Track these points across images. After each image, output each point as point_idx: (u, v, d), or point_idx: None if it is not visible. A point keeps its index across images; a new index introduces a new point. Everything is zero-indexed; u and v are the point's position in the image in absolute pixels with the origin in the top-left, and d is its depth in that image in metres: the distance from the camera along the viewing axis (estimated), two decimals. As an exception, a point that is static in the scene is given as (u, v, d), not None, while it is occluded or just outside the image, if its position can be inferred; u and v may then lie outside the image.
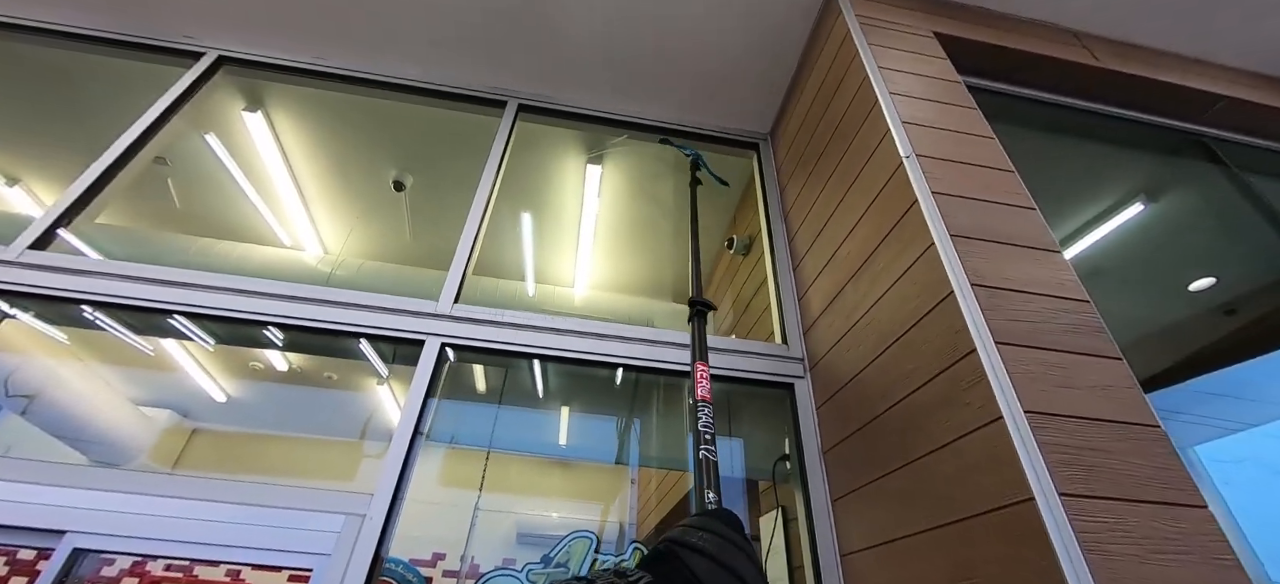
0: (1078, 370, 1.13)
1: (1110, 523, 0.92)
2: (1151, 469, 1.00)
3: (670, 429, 2.48)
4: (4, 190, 3.29)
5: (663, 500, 3.39)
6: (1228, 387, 3.08)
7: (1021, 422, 1.02)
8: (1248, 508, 2.74)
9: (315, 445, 5.07)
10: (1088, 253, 2.88)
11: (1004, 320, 1.17)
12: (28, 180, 3.28)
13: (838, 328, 1.78)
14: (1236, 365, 3.02)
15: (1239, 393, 3.06)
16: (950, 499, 1.15)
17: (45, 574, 1.25)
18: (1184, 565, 0.90)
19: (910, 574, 1.25)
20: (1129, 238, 2.80)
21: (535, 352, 1.85)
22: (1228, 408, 3.02)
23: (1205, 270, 2.82)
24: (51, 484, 1.38)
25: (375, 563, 1.37)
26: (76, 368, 4.51)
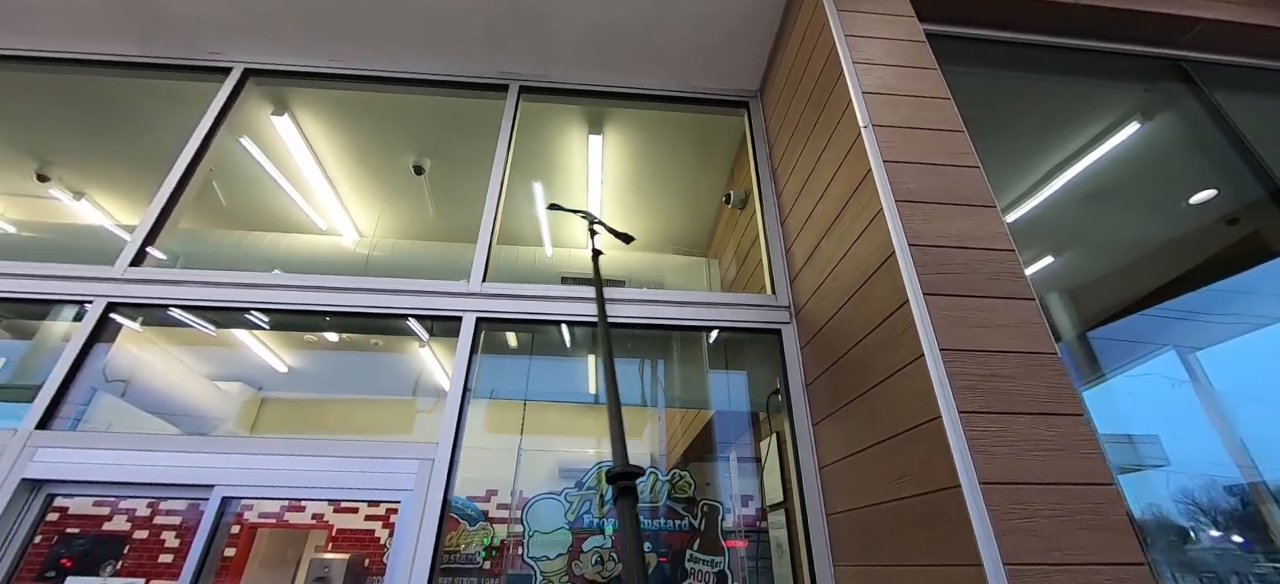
0: (994, 311, 1.38)
1: (996, 431, 1.21)
2: (1041, 387, 1.27)
3: (688, 374, 2.82)
4: (73, 203, 3.68)
5: (687, 432, 3.81)
6: (1229, 294, 3.24)
7: (938, 359, 1.30)
8: (1245, 408, 3.00)
9: (371, 405, 5.66)
10: (1086, 177, 3.01)
11: (934, 274, 1.42)
12: (92, 193, 3.65)
13: (815, 280, 2.03)
14: (1242, 274, 3.16)
15: (1242, 298, 3.21)
16: (889, 420, 1.45)
17: (205, 516, 1.69)
18: (1051, 459, 1.19)
19: (866, 476, 1.58)
20: (1125, 160, 2.91)
21: (559, 319, 2.17)
22: (1237, 310, 3.18)
23: (1204, 185, 2.92)
24: (201, 451, 1.79)
25: (446, 495, 1.77)
26: (156, 352, 5.10)
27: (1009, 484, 1.15)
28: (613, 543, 1.85)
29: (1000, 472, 1.16)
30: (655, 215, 3.85)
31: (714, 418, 3.10)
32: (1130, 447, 4.04)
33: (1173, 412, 3.72)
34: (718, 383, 2.66)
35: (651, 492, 1.95)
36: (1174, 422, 3.71)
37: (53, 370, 1.90)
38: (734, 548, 3.09)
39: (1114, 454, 3.84)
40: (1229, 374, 3.39)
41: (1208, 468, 3.48)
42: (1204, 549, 3.46)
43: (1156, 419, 3.79)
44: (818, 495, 1.87)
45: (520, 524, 1.87)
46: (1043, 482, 1.16)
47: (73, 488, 1.74)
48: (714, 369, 2.74)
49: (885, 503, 1.47)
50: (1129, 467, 3.95)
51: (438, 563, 1.69)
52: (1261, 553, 2.95)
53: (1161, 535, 3.60)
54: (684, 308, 2.24)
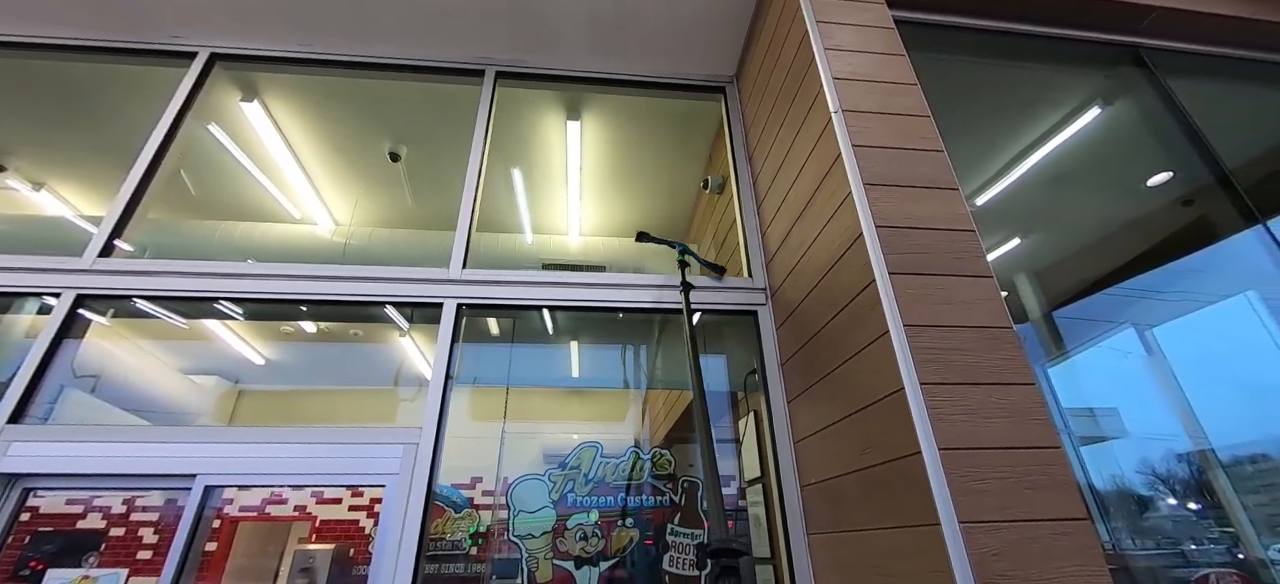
0: (955, 289, 1.45)
1: (954, 399, 1.29)
2: (997, 360, 1.35)
3: (670, 355, 2.87)
4: (31, 195, 3.54)
5: (670, 415, 3.88)
6: (1182, 273, 3.41)
7: (901, 332, 1.37)
8: (1197, 378, 3.18)
9: (352, 395, 5.62)
10: (1051, 160, 3.12)
11: (899, 255, 1.48)
12: (52, 184, 3.52)
13: (789, 262, 2.09)
14: (1193, 254, 3.33)
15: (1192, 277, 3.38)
16: (857, 394, 1.52)
17: (188, 506, 1.69)
18: (1004, 425, 1.27)
19: (836, 448, 1.65)
20: (1088, 144, 3.03)
21: (541, 303, 2.20)
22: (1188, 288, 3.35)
23: (1160, 168, 3.06)
24: (183, 441, 1.79)
25: (431, 479, 1.80)
26: (127, 347, 4.97)
27: (965, 449, 1.23)
28: (596, 521, 1.91)
29: (957, 438, 1.24)
30: (635, 200, 3.87)
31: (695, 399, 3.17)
32: (1092, 419, 4.27)
33: (1131, 385, 3.93)
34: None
35: (634, 470, 2.01)
36: (1133, 395, 3.92)
37: (22, 364, 1.86)
38: None
39: (1076, 426, 4.06)
40: (1182, 349, 3.59)
41: (1163, 438, 3.70)
42: (1162, 516, 3.70)
43: (1117, 393, 4.01)
44: (792, 468, 1.95)
45: (505, 510, 1.92)
46: (995, 446, 1.24)
47: (50, 482, 1.72)
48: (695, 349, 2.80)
49: (853, 472, 1.55)
50: (1090, 438, 4.17)
51: (424, 546, 1.73)
52: (1213, 519, 3.16)
53: (1123, 504, 3.83)
54: (664, 291, 2.28)
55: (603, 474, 1.99)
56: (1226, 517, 2.98)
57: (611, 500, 1.95)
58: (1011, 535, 1.15)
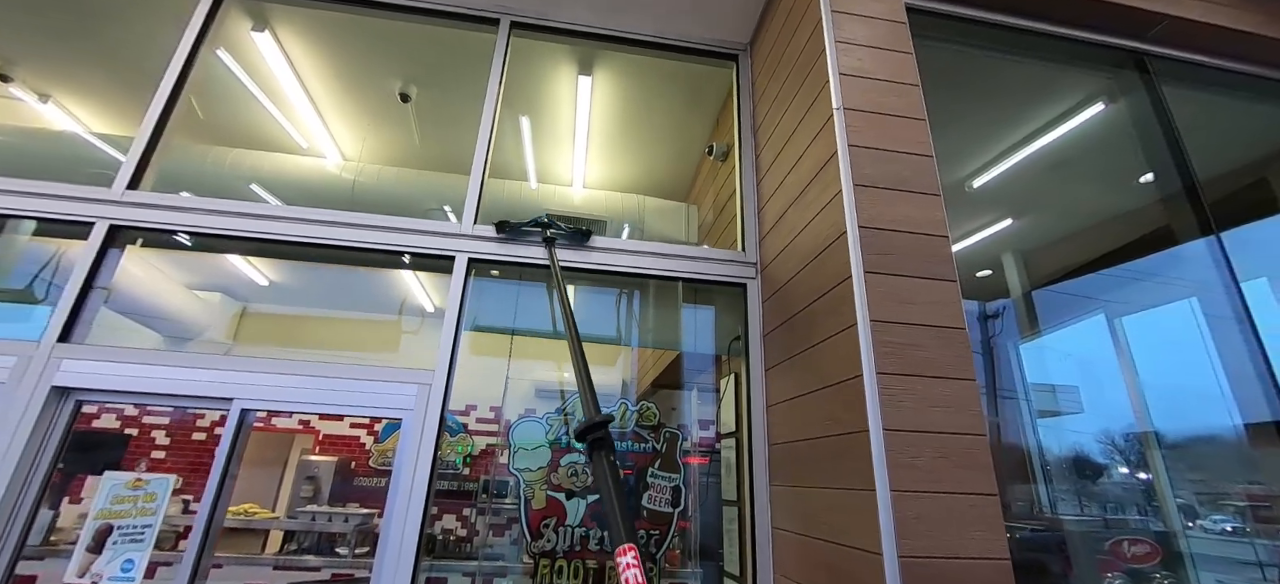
0: (920, 291, 1.63)
1: (905, 389, 1.49)
2: (947, 356, 1.55)
3: (661, 314, 3.06)
4: (38, 106, 3.55)
5: (656, 365, 4.15)
6: (1150, 270, 3.61)
7: (867, 327, 1.55)
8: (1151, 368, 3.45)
9: (354, 323, 5.83)
10: (1052, 147, 3.22)
11: (875, 255, 1.64)
12: (58, 96, 3.52)
13: (780, 243, 2.25)
14: (1161, 252, 3.51)
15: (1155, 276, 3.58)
16: (825, 373, 1.73)
17: (227, 426, 1.91)
18: (940, 413, 1.48)
19: (802, 417, 1.88)
20: (1089, 136, 3.12)
21: (544, 263, 2.35)
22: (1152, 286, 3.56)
23: (1147, 169, 3.18)
24: (221, 368, 1.98)
25: (442, 415, 2.02)
26: (135, 259, 5.08)
27: (905, 432, 1.45)
28: (586, 459, 2.16)
29: (899, 421, 1.46)
30: (640, 159, 3.94)
31: (682, 355, 3.40)
32: (1051, 395, 4.59)
33: (1094, 367, 4.22)
34: (687, 324, 2.92)
35: (622, 419, 2.25)
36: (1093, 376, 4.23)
37: (66, 290, 2.01)
38: (691, 464, 3.52)
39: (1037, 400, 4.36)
40: (1143, 339, 3.85)
41: (1113, 417, 4.04)
42: (1099, 486, 4.09)
43: (1079, 373, 4.31)
44: (763, 428, 2.19)
45: (496, 438, 2.16)
46: (930, 430, 1.46)
47: (100, 397, 1.92)
48: (688, 306, 3.00)
49: (813, 439, 1.78)
50: (1047, 411, 4.51)
51: (435, 472, 1.97)
52: (1142, 493, 3.54)
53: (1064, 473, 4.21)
54: (662, 259, 2.44)
55: (595, 421, 2.22)
56: (1154, 492, 3.33)
57: (602, 444, 2.20)
58: (930, 504, 1.39)
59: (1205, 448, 3.22)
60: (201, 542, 1.80)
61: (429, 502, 1.93)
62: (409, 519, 1.87)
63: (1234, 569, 2.77)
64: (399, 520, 1.87)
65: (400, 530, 1.86)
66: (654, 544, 2.09)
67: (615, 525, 1.26)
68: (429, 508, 1.93)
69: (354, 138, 3.77)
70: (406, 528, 1.86)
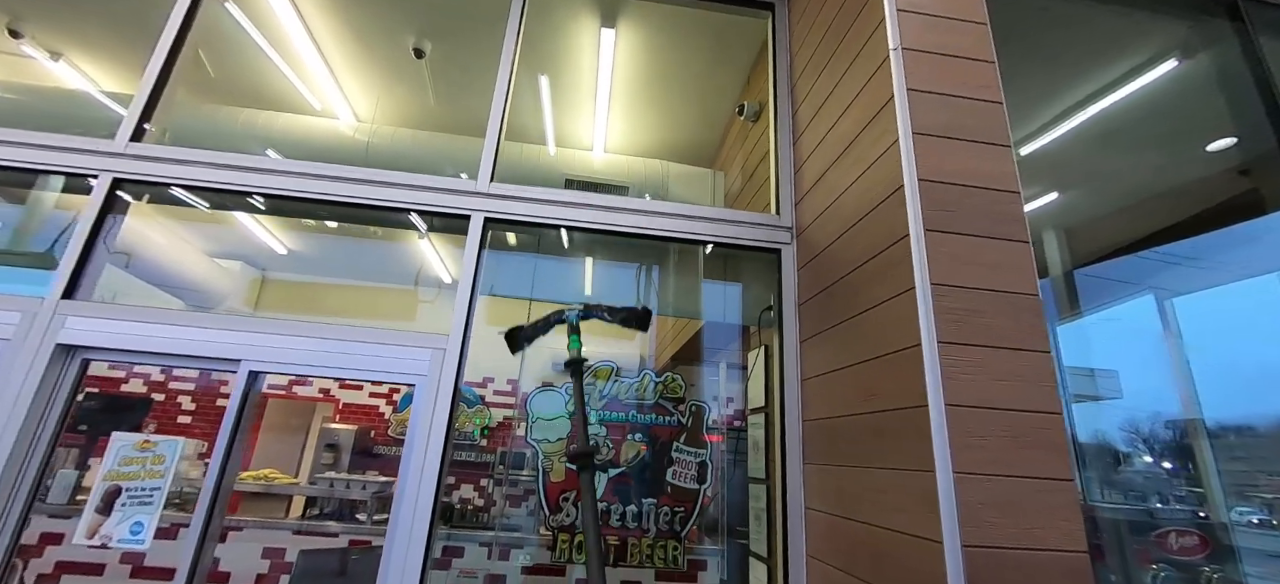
0: (988, 251, 1.44)
1: (969, 360, 1.33)
2: (1016, 326, 1.37)
3: (682, 285, 2.92)
4: (50, 64, 3.48)
5: (676, 339, 4.01)
6: (1218, 245, 3.33)
7: (927, 291, 1.38)
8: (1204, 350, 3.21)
9: (371, 292, 5.81)
10: (1110, 113, 2.95)
11: (937, 211, 1.46)
12: (70, 54, 3.44)
13: (820, 205, 2.06)
14: (1234, 226, 3.23)
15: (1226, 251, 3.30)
16: (871, 343, 1.57)
17: (236, 388, 1.83)
18: (1011, 388, 1.31)
19: (841, 391, 1.73)
20: (1154, 98, 2.84)
21: (566, 223, 2.21)
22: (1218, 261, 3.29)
23: (1224, 132, 2.89)
24: (229, 328, 1.90)
25: (457, 382, 1.92)
26: (157, 227, 5.11)
27: (970, 408, 1.29)
28: (606, 431, 2.05)
29: (965, 396, 1.30)
30: (664, 121, 3.74)
31: (705, 326, 3.26)
32: (1089, 379, 4.34)
33: (1137, 350, 3.96)
34: (713, 294, 2.78)
35: (641, 389, 2.12)
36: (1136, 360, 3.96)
37: (70, 243, 1.94)
38: (713, 442, 3.38)
39: (1073, 384, 4.13)
40: (1199, 321, 3.58)
41: (1156, 404, 3.79)
42: (1136, 471, 3.87)
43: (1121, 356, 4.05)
44: (797, 404, 2.04)
45: (513, 409, 2.05)
46: (999, 407, 1.30)
47: (106, 355, 1.86)
48: (710, 280, 2.84)
49: (853, 415, 1.63)
50: (1085, 396, 4.28)
51: (450, 440, 1.88)
52: (1185, 478, 3.31)
53: (1102, 460, 3.99)
54: (688, 221, 2.27)
55: (616, 391, 2.10)
56: (1199, 480, 3.12)
57: (622, 415, 2.08)
58: (999, 488, 1.24)
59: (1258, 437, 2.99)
60: (211, 504, 1.74)
61: (444, 470, 1.84)
62: (423, 487, 1.79)
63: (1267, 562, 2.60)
64: (413, 488, 1.78)
65: (413, 498, 1.77)
66: (679, 522, 1.98)
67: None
68: (444, 476, 1.84)
69: (367, 98, 3.64)
70: (420, 496, 1.78)
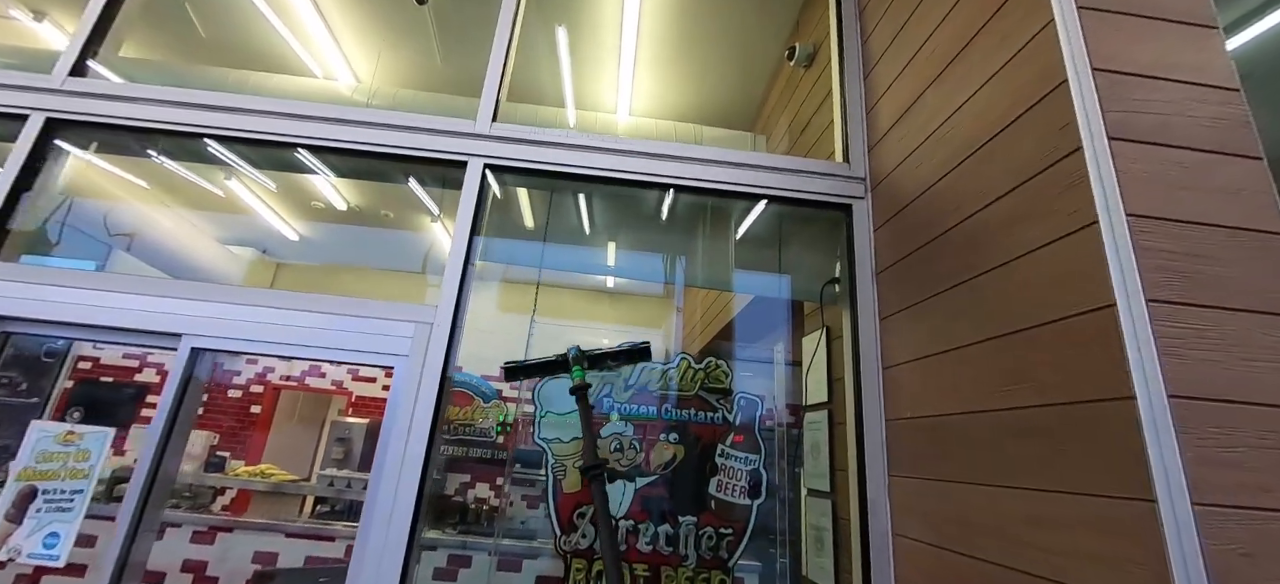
0: (1204, 170, 0.97)
1: (1199, 329, 0.86)
2: (1265, 276, 0.90)
3: (715, 249, 2.47)
4: (33, 25, 3.25)
5: (707, 327, 3.55)
6: None
7: (1120, 225, 0.91)
8: None
9: (383, 276, 5.53)
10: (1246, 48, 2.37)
11: (1124, 112, 0.99)
12: (54, 14, 3.20)
13: (909, 142, 1.60)
14: None
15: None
16: (1011, 310, 1.10)
17: (173, 369, 1.47)
18: (1272, 373, 0.84)
19: (954, 379, 1.27)
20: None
21: (578, 171, 1.80)
22: None
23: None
24: (170, 296, 1.55)
25: (446, 363, 1.52)
26: (165, 212, 4.90)
27: (1210, 401, 0.82)
28: (631, 430, 1.63)
29: (1199, 383, 0.83)
30: (698, 79, 3.29)
31: (750, 305, 2.80)
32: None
33: None
34: (760, 264, 2.32)
35: (684, 380, 1.69)
36: None
37: (-12, 191, 1.62)
38: None
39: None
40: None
41: None
42: None
43: None
44: (878, 399, 1.58)
45: (532, 404, 1.65)
46: (1260, 401, 0.83)
47: (25, 326, 1.52)
48: (754, 247, 2.38)
49: (983, 411, 1.17)
50: None
51: (437, 433, 1.48)
52: None
53: None
54: (732, 169, 1.83)
55: (645, 380, 1.68)
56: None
57: (653, 410, 1.66)
58: (1271, 528, 0.77)
59: None
60: (141, 500, 1.39)
61: (428, 470, 1.45)
62: (401, 489, 1.40)
63: None
64: (388, 496, 1.40)
65: (389, 502, 1.39)
66: (726, 547, 1.54)
67: None
68: (429, 473, 1.45)
69: (368, 57, 3.30)
70: (397, 499, 1.39)
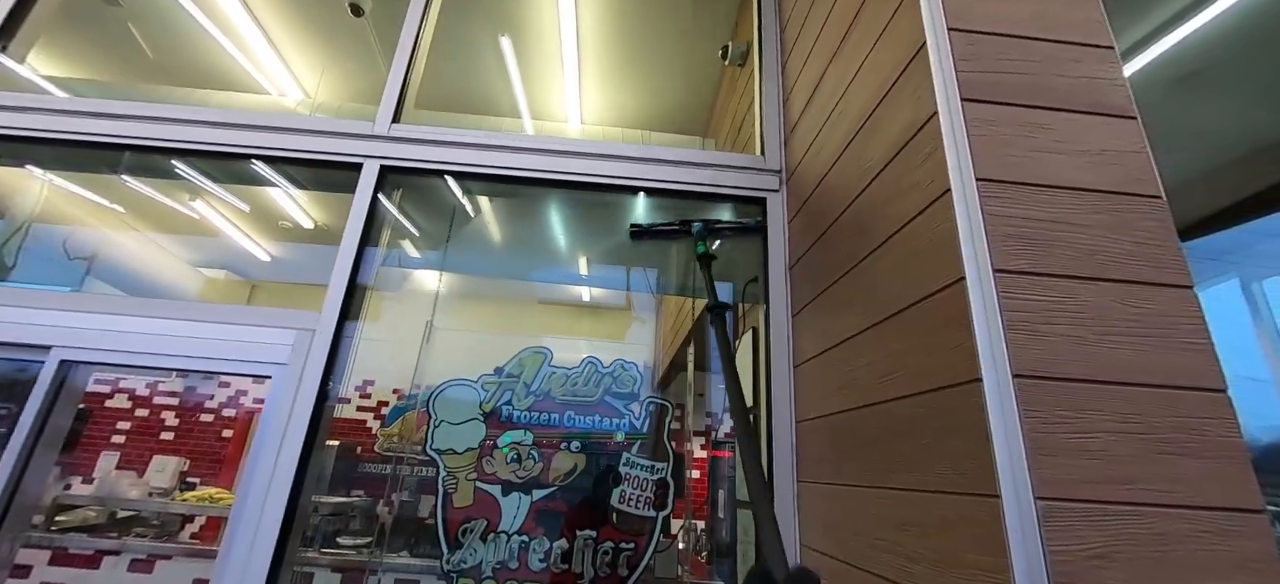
0: (1070, 130, 0.89)
1: (1052, 301, 0.77)
2: (1132, 245, 0.81)
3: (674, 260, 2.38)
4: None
5: (676, 337, 3.44)
6: None
7: (971, 192, 0.83)
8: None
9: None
10: (1194, 44, 2.34)
11: (980, 73, 0.91)
12: (5, 37, 3.21)
13: (813, 126, 1.53)
14: None
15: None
16: (888, 293, 1.02)
17: (39, 382, 1.40)
18: (1134, 348, 0.75)
19: (847, 373, 1.17)
20: (1247, 26, 2.22)
21: (482, 171, 1.73)
22: None
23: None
24: (35, 307, 1.48)
25: (326, 374, 1.44)
26: (132, 235, 4.89)
27: (1059, 381, 0.73)
28: (533, 439, 1.54)
29: (1047, 361, 0.74)
30: (644, 87, 3.26)
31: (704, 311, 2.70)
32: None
33: (1228, 341, 3.20)
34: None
35: (587, 383, 1.60)
36: (1226, 352, 3.19)
37: None
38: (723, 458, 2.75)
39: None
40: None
41: (1251, 402, 3.06)
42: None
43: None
44: (787, 399, 1.49)
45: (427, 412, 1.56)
46: (1115, 380, 0.73)
47: (-115, 340, 1.46)
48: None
49: (861, 408, 1.07)
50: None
51: (312, 450, 1.39)
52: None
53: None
54: (647, 165, 1.76)
55: (548, 386, 1.59)
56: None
57: (555, 418, 1.57)
58: (1130, 526, 0.67)
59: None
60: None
61: (301, 486, 1.36)
62: (268, 507, 1.31)
63: None
64: (254, 508, 1.30)
65: (254, 521, 1.29)
66: (625, 563, 1.43)
67: None
68: (301, 494, 1.36)
69: (315, 72, 3.29)
70: (263, 518, 1.30)
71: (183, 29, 3.07)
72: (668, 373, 3.11)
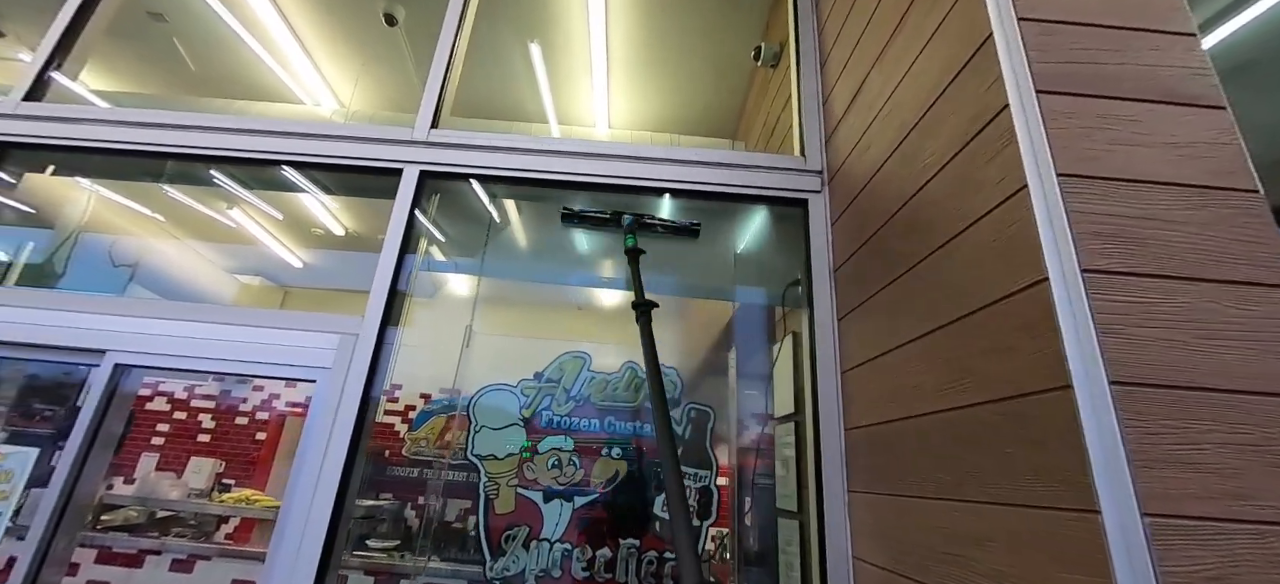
0: (1154, 122, 0.84)
1: (1146, 303, 0.72)
2: (1231, 242, 0.76)
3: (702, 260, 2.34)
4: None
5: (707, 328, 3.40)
6: None
7: (1052, 188, 0.79)
8: None
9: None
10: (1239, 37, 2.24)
11: (1057, 63, 0.87)
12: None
13: (858, 126, 1.49)
14: None
15: None
16: (953, 295, 0.97)
17: (94, 384, 1.44)
18: (1243, 352, 0.69)
19: (904, 379, 1.13)
20: None
21: (520, 175, 1.73)
22: None
23: None
24: (91, 311, 1.53)
25: (371, 377, 1.45)
26: (172, 243, 5.07)
27: (1160, 387, 0.68)
28: (573, 445, 1.52)
29: (1146, 366, 0.69)
30: (674, 91, 3.24)
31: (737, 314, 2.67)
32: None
33: None
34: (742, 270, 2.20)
35: (627, 389, 1.58)
36: None
37: (-71, 212, 1.64)
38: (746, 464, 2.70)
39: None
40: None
41: None
42: None
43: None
44: (835, 405, 1.44)
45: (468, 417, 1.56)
46: (1223, 387, 0.68)
47: (-52, 344, 1.52)
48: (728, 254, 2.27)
49: (924, 415, 1.03)
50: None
51: (358, 454, 1.40)
52: None
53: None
54: (682, 167, 1.74)
55: (588, 391, 1.58)
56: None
57: (597, 424, 1.55)
58: (1250, 547, 0.62)
59: None
60: (52, 525, 1.34)
61: (348, 489, 1.37)
62: (314, 511, 1.32)
63: None
64: (300, 512, 1.31)
65: (300, 525, 1.30)
66: (669, 573, 1.40)
67: None
68: (348, 497, 1.36)
69: (349, 82, 3.36)
70: (309, 522, 1.30)
71: (224, 42, 3.16)
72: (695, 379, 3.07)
